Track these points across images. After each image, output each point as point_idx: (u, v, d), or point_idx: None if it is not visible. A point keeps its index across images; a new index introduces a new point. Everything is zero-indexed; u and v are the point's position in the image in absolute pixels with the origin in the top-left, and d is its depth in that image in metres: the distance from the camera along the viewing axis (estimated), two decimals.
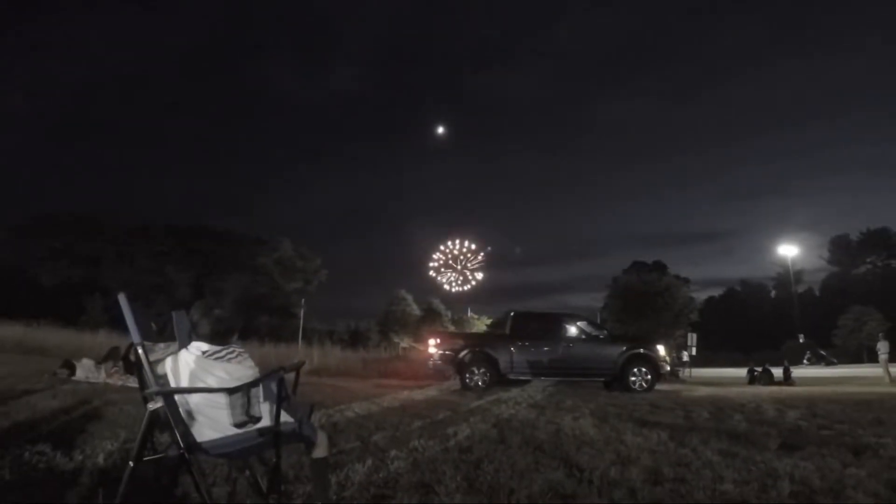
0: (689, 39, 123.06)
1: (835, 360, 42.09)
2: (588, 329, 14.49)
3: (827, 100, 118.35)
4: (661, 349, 14.12)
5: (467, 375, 13.11)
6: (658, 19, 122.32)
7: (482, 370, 13.19)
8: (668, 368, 14.92)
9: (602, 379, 13.85)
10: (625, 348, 13.70)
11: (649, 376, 13.37)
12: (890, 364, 20.81)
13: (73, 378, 10.20)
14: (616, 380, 13.45)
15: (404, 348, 49.30)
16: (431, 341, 14.29)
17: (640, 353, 13.64)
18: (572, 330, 14.31)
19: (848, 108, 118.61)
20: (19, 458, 3.70)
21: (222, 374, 2.53)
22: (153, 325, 2.65)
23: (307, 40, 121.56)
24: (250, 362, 2.69)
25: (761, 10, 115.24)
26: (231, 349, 2.65)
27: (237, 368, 2.59)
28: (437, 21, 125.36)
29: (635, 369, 13.40)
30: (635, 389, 13.00)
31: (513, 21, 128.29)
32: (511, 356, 13.54)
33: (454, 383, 13.93)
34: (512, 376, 13.47)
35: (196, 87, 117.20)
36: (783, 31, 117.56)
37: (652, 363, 13.59)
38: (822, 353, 44.18)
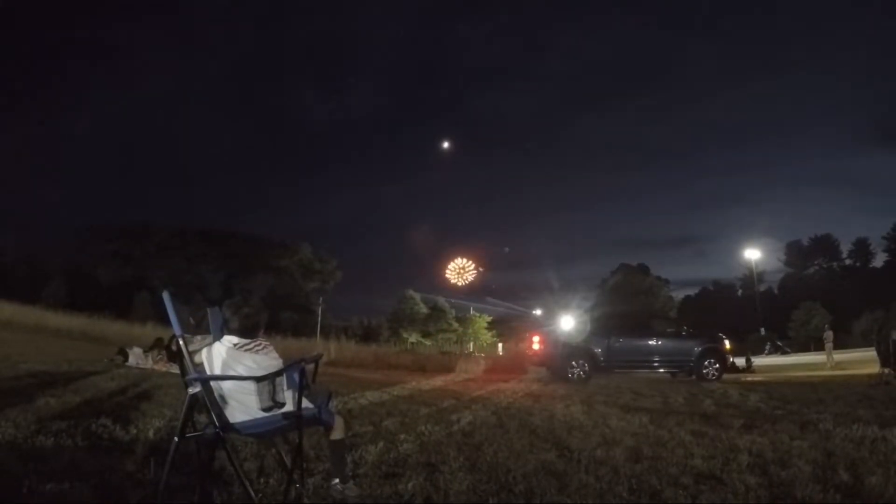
0: (662, 64, 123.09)
1: (788, 350, 42.14)
2: (672, 326, 14.68)
3: (781, 121, 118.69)
4: (727, 343, 14.03)
5: (569, 368, 12.78)
6: (634, 48, 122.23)
7: (582, 363, 12.88)
8: (732, 360, 14.95)
9: (680, 370, 13.59)
10: (700, 343, 13.56)
11: (718, 367, 13.18)
12: (833, 351, 21.40)
13: (127, 364, 10.29)
14: (692, 370, 13.25)
15: (412, 343, 49.33)
16: (535, 338, 13.95)
17: (713, 347, 13.50)
18: (660, 327, 14.41)
19: (800, 128, 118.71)
20: (87, 429, 3.82)
21: (251, 364, 2.56)
22: (191, 319, 2.67)
23: (326, 64, 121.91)
24: (275, 354, 2.71)
25: (724, 39, 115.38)
26: (258, 342, 2.68)
27: (264, 359, 2.62)
28: (442, 46, 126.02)
29: (707, 361, 13.21)
30: (707, 378, 12.78)
31: (509, 47, 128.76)
32: (608, 350, 13.25)
33: (457, 375, 13.90)
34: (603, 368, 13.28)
35: (227, 107, 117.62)
36: (743, 58, 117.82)
37: (721, 356, 13.47)
38: (779, 343, 44.20)
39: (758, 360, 24.49)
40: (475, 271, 65.02)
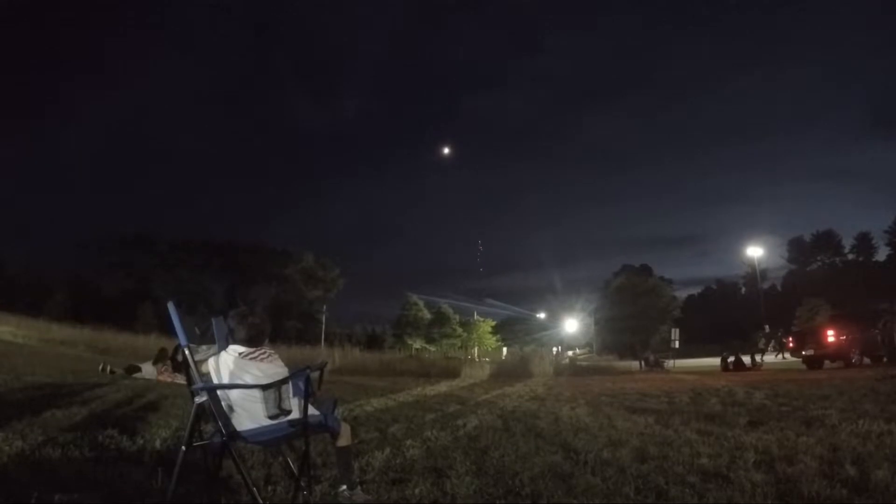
0: (660, 61, 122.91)
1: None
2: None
3: (781, 117, 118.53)
4: None
5: (853, 355, 14.87)
6: (631, 44, 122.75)
7: (857, 351, 14.92)
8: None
9: None
10: None
11: None
12: None
13: (133, 375, 10.31)
14: None
15: (416, 349, 49.28)
16: (830, 332, 15.58)
17: None
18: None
19: (798, 125, 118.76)
20: (94, 439, 3.83)
21: (257, 373, 2.59)
22: (197, 329, 2.70)
23: (323, 70, 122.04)
24: (280, 362, 2.73)
25: (723, 35, 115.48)
26: (263, 351, 2.70)
27: (269, 367, 2.64)
28: (435, 49, 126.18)
29: None
30: None
31: (503, 47, 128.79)
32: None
33: (462, 380, 13.89)
34: None
35: (227, 117, 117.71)
36: (742, 55, 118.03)
37: None
38: (784, 340, 43.94)
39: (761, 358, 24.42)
40: None
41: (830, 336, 15.21)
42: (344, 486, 2.80)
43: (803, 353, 16.52)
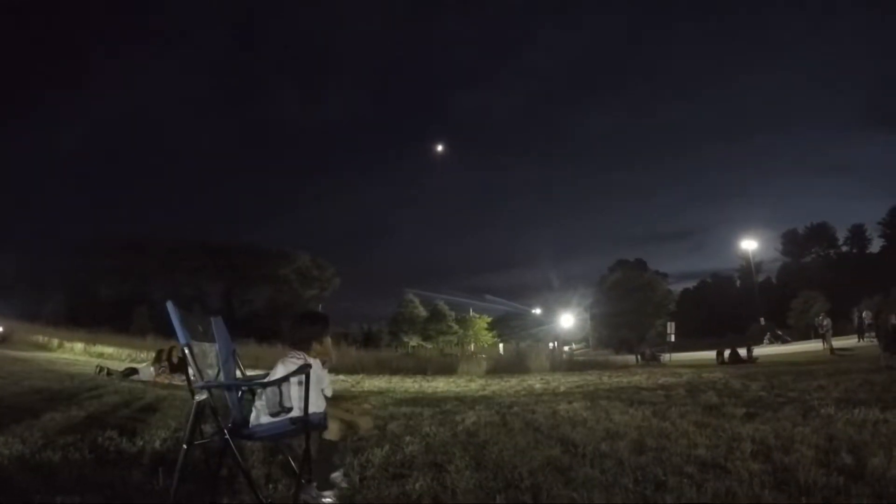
0: (656, 58, 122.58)
1: (789, 339, 42.15)
2: None
3: (776, 113, 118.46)
4: None
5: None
6: (624, 39, 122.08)
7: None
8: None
9: None
10: None
11: None
12: (833, 338, 21.91)
13: (131, 378, 10.32)
14: None
15: (413, 346, 49.31)
16: None
17: None
18: None
19: (793, 120, 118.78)
20: (94, 441, 3.85)
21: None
22: (199, 327, 2.69)
23: (314, 70, 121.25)
24: (297, 362, 2.72)
25: (717, 30, 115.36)
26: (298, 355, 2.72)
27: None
28: (424, 47, 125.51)
29: None
30: None
31: (492, 44, 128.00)
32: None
33: (459, 376, 13.89)
34: None
35: (219, 118, 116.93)
36: (735, 50, 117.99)
37: None
38: (779, 332, 44.18)
39: (758, 350, 24.58)
40: None
41: None
42: (314, 484, 2.73)
43: None
